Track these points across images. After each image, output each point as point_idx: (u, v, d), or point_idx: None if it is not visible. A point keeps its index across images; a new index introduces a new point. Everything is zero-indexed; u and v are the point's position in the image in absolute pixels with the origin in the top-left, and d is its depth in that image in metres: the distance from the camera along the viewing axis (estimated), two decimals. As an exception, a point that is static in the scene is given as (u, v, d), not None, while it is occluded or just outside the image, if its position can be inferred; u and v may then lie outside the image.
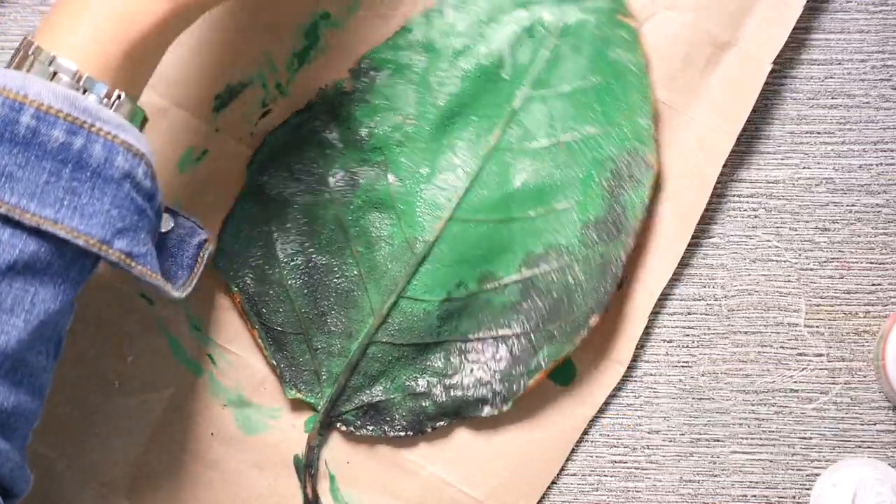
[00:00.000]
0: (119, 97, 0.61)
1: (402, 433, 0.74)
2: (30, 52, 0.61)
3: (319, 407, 0.75)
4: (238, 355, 0.76)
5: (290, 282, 0.75)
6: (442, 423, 0.74)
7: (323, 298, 0.75)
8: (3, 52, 0.77)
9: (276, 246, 0.75)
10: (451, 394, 0.74)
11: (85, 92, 0.60)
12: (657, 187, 0.75)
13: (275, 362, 0.75)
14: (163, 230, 0.68)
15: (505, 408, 0.74)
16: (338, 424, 0.75)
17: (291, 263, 0.75)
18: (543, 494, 0.76)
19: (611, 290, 0.73)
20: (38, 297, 0.59)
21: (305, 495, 0.75)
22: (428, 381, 0.75)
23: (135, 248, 0.61)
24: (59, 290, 0.60)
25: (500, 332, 0.74)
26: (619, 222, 0.74)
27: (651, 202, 0.74)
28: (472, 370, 0.74)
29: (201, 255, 0.69)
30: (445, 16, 0.75)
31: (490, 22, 0.75)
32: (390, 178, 0.75)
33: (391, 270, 0.75)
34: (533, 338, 0.74)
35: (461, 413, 0.74)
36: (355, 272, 0.75)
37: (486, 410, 0.74)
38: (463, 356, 0.75)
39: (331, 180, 0.75)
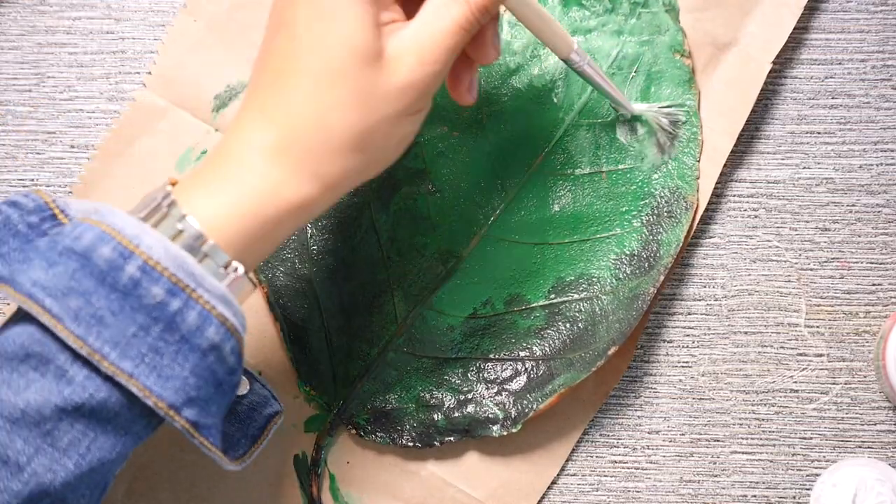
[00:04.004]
0: (235, 269, 0.60)
1: (411, 444, 0.74)
2: (164, 205, 0.60)
3: (332, 407, 0.75)
4: (238, 355, 0.76)
5: (318, 279, 0.75)
6: (450, 438, 0.74)
7: (349, 300, 0.75)
8: (2, 52, 0.78)
9: (309, 242, 0.75)
10: (464, 410, 0.74)
11: (205, 257, 0.59)
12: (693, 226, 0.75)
13: (292, 356, 0.75)
14: (238, 393, 0.67)
15: (514, 429, 0.73)
16: (348, 427, 0.75)
17: (322, 261, 0.75)
18: (543, 494, 0.76)
19: (634, 324, 0.73)
20: (96, 444, 0.58)
21: (310, 494, 0.75)
22: (442, 395, 0.74)
23: (202, 419, 0.60)
24: (119, 442, 0.59)
25: (521, 354, 0.74)
26: (653, 258, 0.73)
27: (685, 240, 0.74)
28: (487, 389, 0.74)
29: (269, 427, 0.68)
30: (502, 32, 0.75)
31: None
32: (429, 187, 0.75)
33: (420, 280, 0.75)
34: (552, 364, 0.74)
35: (471, 431, 0.74)
36: (384, 278, 0.75)
37: (496, 430, 0.74)
38: (480, 374, 0.74)
39: (370, 182, 0.75)
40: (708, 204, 0.76)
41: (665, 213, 0.73)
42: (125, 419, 0.59)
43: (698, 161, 0.74)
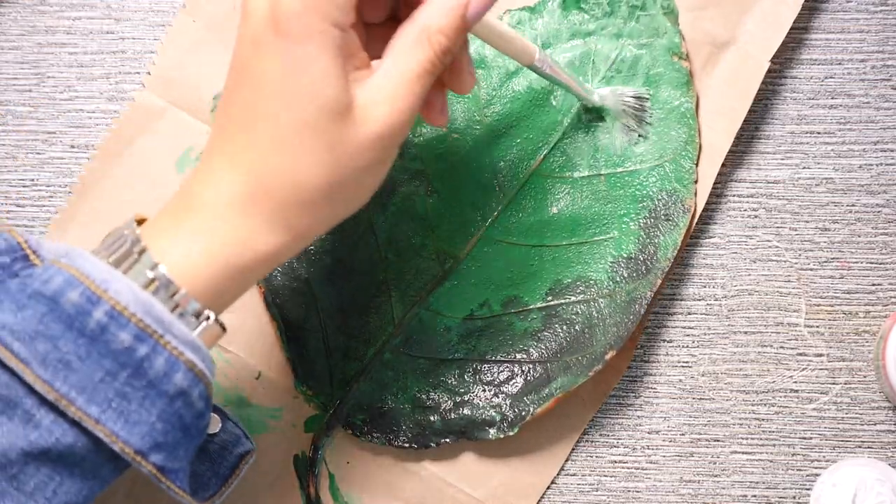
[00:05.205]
0: (208, 318, 0.60)
1: (406, 445, 0.74)
2: (135, 252, 0.59)
3: (328, 407, 0.75)
4: (238, 355, 0.76)
5: (315, 279, 0.75)
6: (447, 440, 0.74)
7: (346, 300, 0.75)
8: (2, 52, 0.78)
9: None
10: (460, 412, 0.74)
11: (176, 306, 0.59)
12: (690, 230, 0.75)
13: (289, 356, 0.75)
14: (209, 432, 0.67)
15: (511, 432, 0.73)
16: (344, 427, 0.75)
17: (320, 261, 0.75)
18: (543, 494, 0.76)
19: (632, 328, 0.73)
20: (63, 487, 0.58)
21: (308, 495, 0.75)
22: (439, 396, 0.74)
23: (169, 464, 0.60)
24: (85, 486, 0.59)
25: (518, 356, 0.74)
26: (650, 262, 0.73)
27: (683, 244, 0.74)
28: (483, 391, 0.74)
29: (240, 466, 0.68)
30: None
31: (545, 48, 0.75)
32: (428, 188, 0.75)
33: (417, 281, 0.75)
34: (549, 366, 0.74)
35: (467, 433, 0.74)
36: (381, 278, 0.75)
37: (492, 433, 0.74)
38: (477, 376, 0.74)
39: None
40: (707, 204, 0.76)
41: (662, 217, 0.73)
42: (92, 463, 0.59)
43: (696, 165, 0.74)
